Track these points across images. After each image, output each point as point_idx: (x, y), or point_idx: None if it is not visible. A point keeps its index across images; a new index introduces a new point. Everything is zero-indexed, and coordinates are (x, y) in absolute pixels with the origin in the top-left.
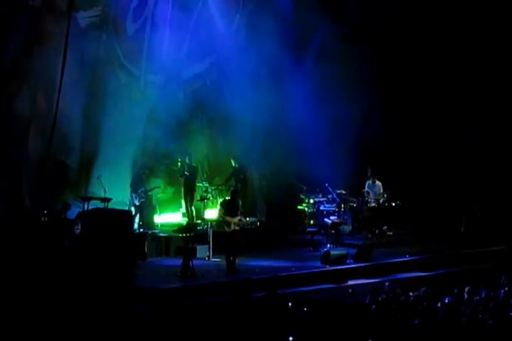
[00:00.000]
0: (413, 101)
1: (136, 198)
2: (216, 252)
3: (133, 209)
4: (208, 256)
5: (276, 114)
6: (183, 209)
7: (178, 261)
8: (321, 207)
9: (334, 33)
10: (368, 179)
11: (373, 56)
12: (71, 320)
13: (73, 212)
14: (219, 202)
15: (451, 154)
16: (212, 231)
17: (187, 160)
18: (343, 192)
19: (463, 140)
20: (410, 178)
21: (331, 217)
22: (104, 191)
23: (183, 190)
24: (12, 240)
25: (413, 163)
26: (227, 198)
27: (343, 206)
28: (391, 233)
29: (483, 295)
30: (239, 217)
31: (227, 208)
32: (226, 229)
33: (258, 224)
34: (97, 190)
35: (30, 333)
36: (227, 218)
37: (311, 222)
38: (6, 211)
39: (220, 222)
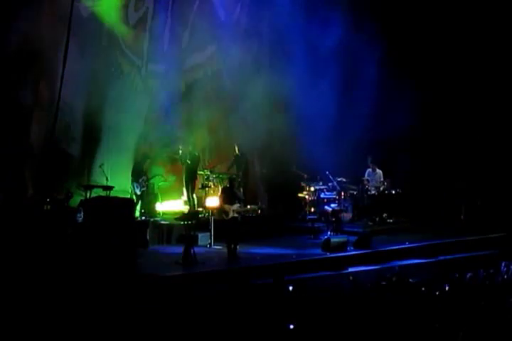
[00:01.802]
0: (417, 91)
1: (137, 187)
2: (217, 240)
3: (134, 198)
4: (210, 244)
5: (278, 102)
6: (185, 197)
7: (180, 249)
8: (322, 195)
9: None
10: (368, 167)
11: (381, 47)
12: (72, 307)
13: (76, 201)
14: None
15: (451, 143)
16: (214, 219)
17: (190, 148)
18: (344, 180)
19: (463, 130)
20: (411, 166)
21: (332, 205)
22: (107, 179)
23: (184, 178)
24: (15, 228)
25: (414, 152)
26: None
27: (343, 194)
28: (391, 220)
29: (482, 282)
30: (238, 205)
31: (225, 196)
32: (224, 216)
33: (259, 211)
34: (99, 178)
35: (31, 321)
36: (225, 206)
37: (312, 209)
38: (9, 199)
39: (219, 210)
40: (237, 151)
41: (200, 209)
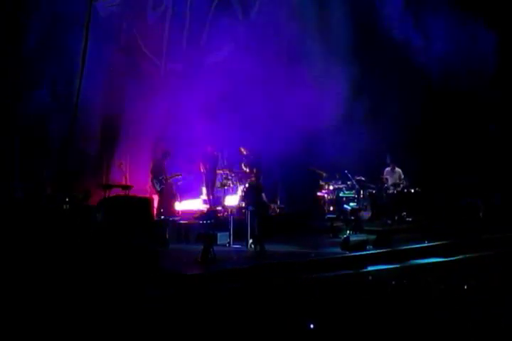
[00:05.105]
0: (435, 89)
1: (157, 183)
2: (236, 239)
3: (155, 196)
4: (229, 243)
5: (296, 100)
6: (204, 196)
7: (199, 248)
8: (341, 194)
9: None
10: (388, 166)
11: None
12: (93, 306)
13: (95, 200)
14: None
15: (471, 142)
16: (233, 218)
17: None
18: (363, 178)
19: (482, 129)
20: (430, 165)
21: (351, 204)
22: (125, 178)
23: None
24: (34, 227)
25: (433, 150)
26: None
27: (362, 192)
28: (410, 219)
29: (501, 281)
30: None
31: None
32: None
33: (278, 211)
34: (118, 177)
35: (47, 316)
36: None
37: (331, 208)
38: (29, 199)
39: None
40: (244, 152)
41: (220, 208)
